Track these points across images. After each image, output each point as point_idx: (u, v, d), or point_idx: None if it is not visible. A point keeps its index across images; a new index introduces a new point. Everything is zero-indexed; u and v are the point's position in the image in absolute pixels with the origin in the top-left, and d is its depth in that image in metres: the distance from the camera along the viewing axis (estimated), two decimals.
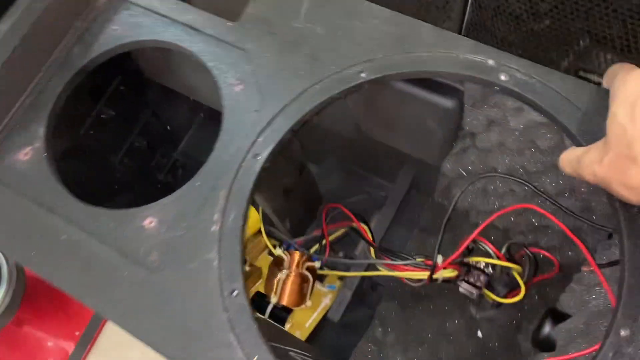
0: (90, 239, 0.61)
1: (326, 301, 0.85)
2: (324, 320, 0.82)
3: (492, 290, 0.77)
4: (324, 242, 0.90)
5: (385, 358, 0.77)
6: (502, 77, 0.60)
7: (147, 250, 0.60)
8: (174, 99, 0.94)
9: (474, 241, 0.74)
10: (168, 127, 1.01)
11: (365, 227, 0.85)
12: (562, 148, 0.65)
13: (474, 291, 0.80)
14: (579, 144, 0.57)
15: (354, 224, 0.85)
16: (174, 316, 0.57)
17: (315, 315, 0.82)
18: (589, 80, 0.63)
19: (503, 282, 0.77)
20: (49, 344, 1.11)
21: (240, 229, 0.59)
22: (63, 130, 0.75)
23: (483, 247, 0.72)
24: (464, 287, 0.80)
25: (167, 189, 1.03)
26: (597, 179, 0.47)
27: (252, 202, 0.61)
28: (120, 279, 0.59)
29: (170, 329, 0.57)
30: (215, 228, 0.59)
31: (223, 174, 0.61)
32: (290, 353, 0.64)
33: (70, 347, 1.12)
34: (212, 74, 0.66)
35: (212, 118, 0.64)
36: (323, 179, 0.97)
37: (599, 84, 0.58)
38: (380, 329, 0.80)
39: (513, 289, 0.76)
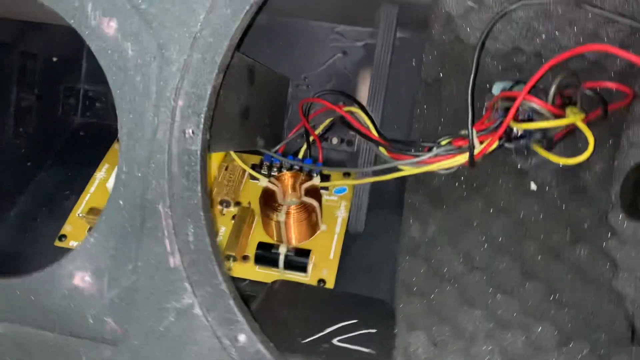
0: (16, 326, 0.42)
1: (342, 213, 0.68)
2: (348, 238, 0.66)
3: (544, 140, 0.59)
4: (311, 139, 0.70)
5: (433, 256, 0.62)
6: None
7: (97, 318, 0.41)
8: (43, 25, 0.66)
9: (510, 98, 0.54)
10: (54, 59, 0.73)
11: (359, 112, 0.64)
12: None
13: (521, 142, 0.62)
14: None
15: (342, 116, 0.64)
16: None
17: (336, 238, 0.65)
18: None
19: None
20: None
21: (209, 246, 0.40)
22: None
23: (528, 105, 0.52)
24: (507, 147, 0.62)
25: (93, 132, 0.81)
26: None
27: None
28: None
29: None
30: (174, 261, 0.40)
31: (150, 179, 0.40)
32: (334, 341, 0.49)
33: None
34: (60, 14, 0.40)
35: None
36: (278, 54, 0.73)
37: None
38: (416, 225, 0.64)
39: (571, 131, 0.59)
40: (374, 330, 0.51)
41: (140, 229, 0.40)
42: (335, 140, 0.75)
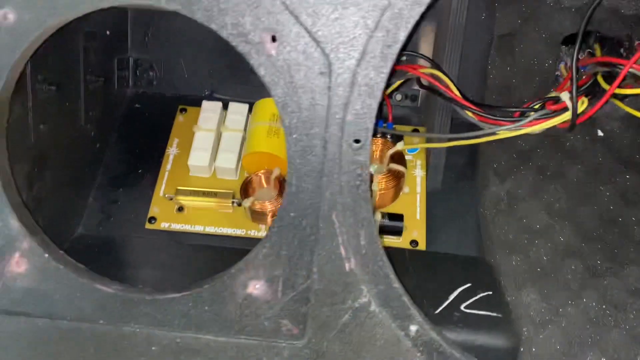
0: (192, 334, 0.44)
1: (419, 173, 0.70)
2: (428, 196, 0.69)
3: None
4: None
5: (517, 209, 0.65)
6: None
7: (273, 320, 0.44)
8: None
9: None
10: (108, 32, 0.70)
11: (438, 73, 0.65)
12: None
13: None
14: None
15: (422, 79, 0.65)
16: None
17: (419, 198, 0.68)
18: None
19: None
20: None
21: (380, 248, 0.42)
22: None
23: (631, 72, 0.54)
24: None
25: (147, 103, 0.79)
26: None
27: None
28: None
29: None
30: (349, 266, 0.42)
31: (321, 191, 0.41)
32: (462, 308, 0.53)
33: None
34: (214, 30, 0.39)
35: None
36: None
37: None
38: (495, 180, 0.67)
39: None
40: (490, 293, 0.55)
41: (314, 238, 0.41)
42: (399, 97, 0.75)
